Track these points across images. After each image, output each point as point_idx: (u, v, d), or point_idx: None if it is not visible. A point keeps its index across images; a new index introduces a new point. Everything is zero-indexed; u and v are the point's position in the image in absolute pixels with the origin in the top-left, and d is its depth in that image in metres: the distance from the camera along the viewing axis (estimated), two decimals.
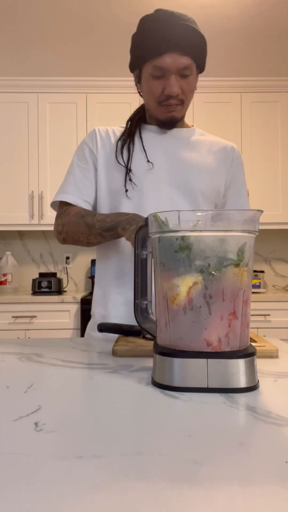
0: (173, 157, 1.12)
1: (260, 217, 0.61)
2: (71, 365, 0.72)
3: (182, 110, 1.09)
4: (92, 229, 1.05)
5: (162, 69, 1.01)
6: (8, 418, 0.47)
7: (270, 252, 3.44)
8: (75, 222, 1.08)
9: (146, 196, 1.09)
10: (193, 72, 1.05)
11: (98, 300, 1.16)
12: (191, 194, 1.11)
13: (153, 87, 1.04)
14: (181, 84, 1.03)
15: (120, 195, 1.10)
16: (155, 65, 1.01)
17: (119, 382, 0.62)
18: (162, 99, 1.05)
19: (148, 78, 1.05)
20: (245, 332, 0.60)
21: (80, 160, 1.15)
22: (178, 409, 0.51)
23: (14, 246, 3.41)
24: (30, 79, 3.08)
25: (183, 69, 1.01)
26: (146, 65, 1.04)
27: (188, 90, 1.06)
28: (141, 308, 0.75)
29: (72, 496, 0.31)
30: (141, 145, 1.12)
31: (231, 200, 1.19)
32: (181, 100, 1.06)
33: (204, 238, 0.57)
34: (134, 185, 1.09)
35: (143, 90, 1.10)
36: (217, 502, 0.30)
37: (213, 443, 0.40)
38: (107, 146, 1.14)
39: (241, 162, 1.21)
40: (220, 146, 1.18)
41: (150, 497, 0.31)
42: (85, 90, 3.06)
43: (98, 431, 0.43)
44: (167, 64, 1.00)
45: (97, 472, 0.35)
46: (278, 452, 0.38)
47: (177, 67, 1.00)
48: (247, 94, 3.12)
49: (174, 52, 0.99)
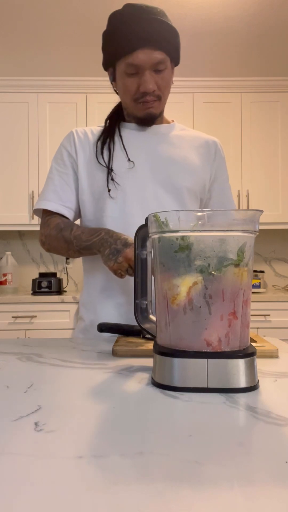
0: (155, 154, 1.10)
1: (260, 217, 0.61)
2: (71, 365, 0.72)
3: (160, 105, 1.07)
4: (70, 245, 1.05)
5: (135, 66, 0.99)
6: (8, 418, 0.47)
7: (270, 252, 3.44)
8: (55, 236, 1.08)
9: (130, 195, 1.07)
10: (168, 66, 1.03)
11: (87, 304, 1.14)
12: (176, 191, 1.09)
13: (128, 84, 1.02)
14: (156, 80, 1.01)
15: (104, 195, 1.08)
16: (128, 63, 0.99)
17: (119, 382, 0.62)
18: (138, 96, 1.03)
19: (122, 75, 1.02)
20: (245, 332, 0.60)
21: (58, 164, 1.13)
22: (178, 409, 0.51)
23: (14, 246, 3.41)
24: (30, 79, 3.08)
25: (157, 64, 0.99)
26: (119, 63, 1.02)
27: (164, 85, 1.03)
28: (141, 308, 0.75)
29: (72, 496, 0.31)
30: (121, 144, 1.10)
31: (216, 194, 1.18)
32: (157, 96, 1.04)
33: (204, 238, 0.57)
34: (117, 184, 1.07)
35: (119, 88, 1.08)
36: (217, 502, 0.30)
37: (213, 443, 0.40)
38: (86, 147, 1.11)
39: (223, 157, 1.19)
40: (202, 141, 1.16)
41: (150, 497, 0.31)
42: (85, 90, 3.06)
43: (98, 431, 0.43)
44: (140, 61, 0.98)
45: (97, 472, 0.35)
46: (278, 452, 0.38)
47: (151, 63, 0.98)
48: (247, 94, 3.12)
49: (146, 47, 0.97)
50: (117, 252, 0.95)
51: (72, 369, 0.70)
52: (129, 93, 1.04)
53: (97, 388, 0.59)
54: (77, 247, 1.04)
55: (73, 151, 1.11)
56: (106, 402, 0.53)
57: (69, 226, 1.07)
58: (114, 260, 0.95)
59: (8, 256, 3.19)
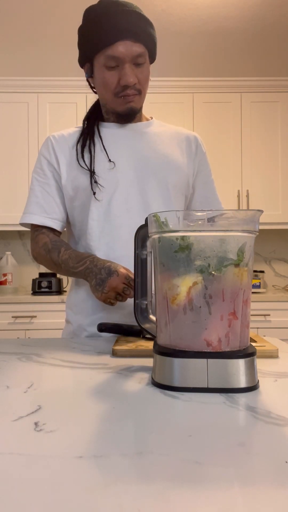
0: (137, 153, 1.08)
1: (260, 217, 0.61)
2: (71, 365, 0.72)
3: (140, 100, 1.05)
4: (59, 268, 1.06)
5: (115, 58, 0.97)
6: (8, 418, 0.47)
7: (270, 252, 3.43)
8: (44, 257, 1.08)
9: (115, 196, 1.05)
10: (147, 61, 1.02)
11: (74, 308, 1.13)
12: (161, 189, 1.07)
13: (108, 78, 1.00)
14: (136, 73, 0.99)
15: (89, 198, 1.05)
16: (107, 55, 0.97)
17: (119, 382, 0.62)
18: (118, 90, 1.01)
19: (101, 69, 1.01)
20: (245, 332, 0.60)
21: (38, 175, 1.10)
22: (178, 409, 0.51)
23: (14, 246, 3.41)
24: (30, 79, 3.07)
25: (137, 57, 0.98)
26: (97, 56, 1.00)
27: (144, 79, 1.02)
28: (141, 308, 0.75)
29: (72, 496, 0.31)
30: (101, 145, 1.07)
31: (199, 189, 1.16)
32: (138, 90, 1.02)
33: (204, 238, 0.57)
34: (101, 186, 1.04)
35: (97, 84, 1.06)
36: (217, 502, 0.30)
37: (213, 443, 0.40)
38: (66, 151, 1.08)
39: (205, 152, 1.17)
40: (182, 137, 1.14)
41: (150, 497, 0.31)
42: (85, 90, 3.04)
43: (98, 431, 0.43)
44: (120, 53, 0.96)
45: (97, 472, 0.34)
46: (278, 452, 0.38)
47: (131, 55, 0.97)
48: (247, 94, 3.12)
49: (126, 39, 0.96)
50: (102, 282, 0.95)
51: (72, 369, 0.70)
52: (109, 88, 1.01)
53: (97, 388, 0.59)
54: (66, 272, 1.06)
55: (53, 159, 1.08)
56: (106, 402, 0.53)
57: (57, 248, 1.05)
58: (101, 291, 0.96)
59: (8, 256, 3.19)
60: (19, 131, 3.09)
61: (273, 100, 3.13)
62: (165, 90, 3.05)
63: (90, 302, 1.08)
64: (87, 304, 1.08)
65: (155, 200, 1.06)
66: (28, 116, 3.09)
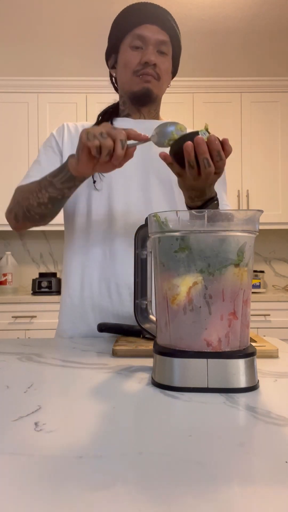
0: (145, 147, 1.05)
1: (260, 217, 0.61)
2: (71, 365, 0.72)
3: (158, 86, 1.06)
4: (42, 181, 0.92)
5: (142, 37, 1.02)
6: (8, 418, 0.47)
7: (270, 252, 3.44)
8: (26, 186, 0.99)
9: (115, 187, 1.05)
10: (169, 54, 1.06)
11: (64, 312, 1.10)
12: (164, 185, 1.07)
13: (131, 57, 1.04)
14: (158, 59, 1.03)
15: (89, 187, 1.06)
16: (134, 34, 1.03)
17: (119, 382, 0.62)
18: (138, 68, 1.03)
19: (126, 50, 1.05)
20: (245, 332, 0.60)
21: (46, 149, 1.11)
22: (178, 409, 0.51)
23: (14, 246, 3.41)
24: (30, 79, 3.07)
25: (160, 44, 1.03)
26: (126, 38, 1.05)
27: (164, 69, 1.05)
28: (141, 308, 0.75)
29: (72, 496, 0.31)
30: None
31: None
32: (157, 75, 1.04)
33: (204, 238, 0.57)
34: (102, 175, 1.05)
35: (119, 66, 1.08)
36: (217, 502, 0.30)
37: (213, 443, 0.40)
38: (75, 141, 1.08)
39: None
40: None
41: (150, 497, 0.31)
42: (85, 90, 3.06)
43: (98, 431, 0.43)
44: (147, 33, 1.02)
45: (97, 472, 0.34)
46: (278, 452, 0.38)
47: (156, 39, 1.02)
48: (247, 94, 3.12)
49: (154, 24, 1.03)
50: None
51: (72, 369, 0.70)
52: (129, 66, 1.04)
53: (97, 388, 0.59)
54: (50, 177, 0.90)
55: (61, 142, 1.11)
56: (106, 402, 0.53)
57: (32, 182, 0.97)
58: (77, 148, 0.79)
59: (8, 256, 3.19)
60: (19, 131, 3.09)
61: (273, 100, 3.13)
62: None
63: (82, 308, 1.06)
64: (78, 309, 1.07)
65: (156, 196, 1.06)
66: (28, 116, 3.09)
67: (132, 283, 0.89)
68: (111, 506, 0.30)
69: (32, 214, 0.96)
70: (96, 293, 1.05)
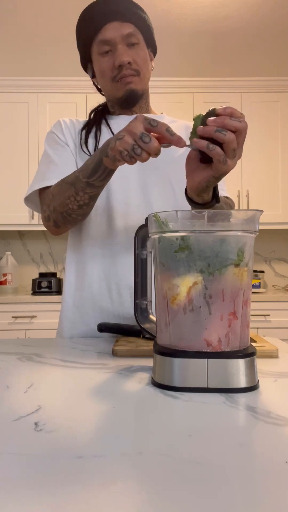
0: None
1: (260, 217, 0.61)
2: (71, 365, 0.72)
3: (140, 82, 1.02)
4: (77, 184, 0.89)
5: (106, 41, 0.98)
6: (8, 418, 0.47)
7: (270, 252, 3.44)
8: (58, 190, 0.94)
9: (114, 185, 1.04)
10: (140, 41, 1.00)
11: (71, 317, 1.09)
12: (163, 182, 1.06)
13: (104, 64, 1.00)
14: (131, 54, 0.98)
15: None
16: (99, 41, 0.98)
17: (119, 382, 0.62)
18: (115, 74, 1.00)
19: (97, 59, 1.01)
20: (245, 332, 0.60)
21: (55, 148, 1.07)
22: (178, 409, 0.51)
23: (14, 246, 3.41)
24: (30, 79, 3.08)
25: (127, 37, 0.98)
26: (92, 47, 1.01)
27: (140, 60, 1.00)
28: (141, 308, 0.75)
29: (72, 496, 0.31)
30: (109, 131, 1.07)
31: None
32: (135, 70, 1.00)
33: (204, 238, 0.57)
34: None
35: (97, 76, 1.05)
36: (217, 502, 0.30)
37: (213, 443, 0.40)
38: (73, 135, 1.09)
39: None
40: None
41: (150, 497, 0.31)
42: (85, 90, 3.06)
43: (98, 431, 0.43)
44: (109, 35, 0.97)
45: (97, 472, 0.34)
46: (278, 452, 0.38)
47: (121, 35, 0.97)
48: (247, 94, 3.12)
49: (114, 21, 0.97)
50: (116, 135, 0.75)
51: (72, 369, 0.70)
52: (106, 74, 1.01)
53: (97, 388, 0.59)
54: (85, 178, 0.87)
55: (63, 137, 1.09)
56: (106, 402, 0.53)
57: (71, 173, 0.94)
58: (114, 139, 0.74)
59: (8, 256, 3.19)
60: (19, 131, 3.09)
61: (273, 100, 3.13)
62: (165, 90, 3.05)
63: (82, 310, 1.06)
64: (79, 310, 1.07)
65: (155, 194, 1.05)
66: (28, 116, 3.09)
67: (132, 283, 0.88)
68: (111, 506, 0.30)
69: (74, 216, 0.96)
70: (97, 293, 1.05)
